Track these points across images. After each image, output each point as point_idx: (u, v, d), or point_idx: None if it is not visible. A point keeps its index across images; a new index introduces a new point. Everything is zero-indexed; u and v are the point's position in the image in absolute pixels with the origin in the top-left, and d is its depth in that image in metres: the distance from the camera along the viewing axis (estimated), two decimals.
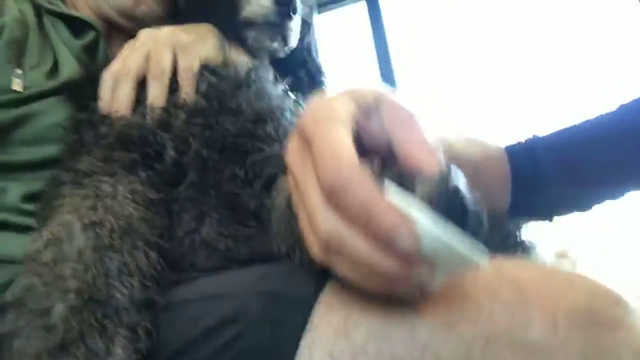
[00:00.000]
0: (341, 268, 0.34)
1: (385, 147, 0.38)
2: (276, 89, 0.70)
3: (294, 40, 0.74)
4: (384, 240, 0.31)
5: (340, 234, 0.32)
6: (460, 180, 0.33)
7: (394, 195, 0.32)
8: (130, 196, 0.54)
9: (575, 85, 2.32)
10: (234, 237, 0.56)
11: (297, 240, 0.44)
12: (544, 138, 0.62)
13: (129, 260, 0.46)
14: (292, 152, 0.38)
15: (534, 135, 0.63)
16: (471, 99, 2.54)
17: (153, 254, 0.49)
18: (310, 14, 0.82)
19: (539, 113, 2.28)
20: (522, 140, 0.63)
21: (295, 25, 0.73)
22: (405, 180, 0.33)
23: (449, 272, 0.33)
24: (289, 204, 0.46)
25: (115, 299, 0.43)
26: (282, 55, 0.76)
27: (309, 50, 0.82)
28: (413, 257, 0.31)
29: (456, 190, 0.31)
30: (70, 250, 0.45)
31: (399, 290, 0.34)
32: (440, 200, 0.31)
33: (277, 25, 0.71)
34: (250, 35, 0.73)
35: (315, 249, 0.35)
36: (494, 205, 0.60)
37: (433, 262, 0.31)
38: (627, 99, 0.62)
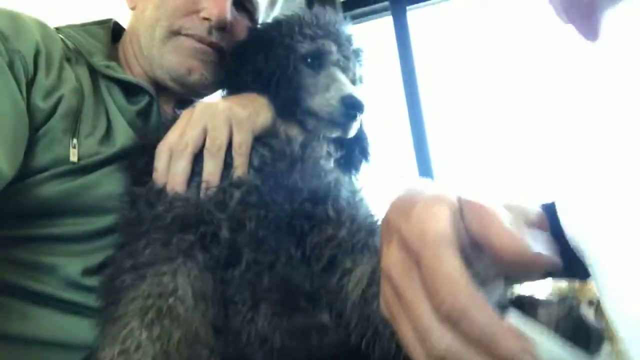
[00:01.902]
0: None
1: (469, 246, 0.38)
2: (329, 162, 0.69)
3: (352, 133, 0.73)
4: None
5: (458, 353, 0.33)
6: (576, 300, 0.34)
7: (513, 318, 0.33)
8: (190, 289, 0.54)
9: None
10: (288, 331, 0.56)
11: (374, 334, 0.44)
12: None
13: None
14: (396, 265, 0.37)
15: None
16: (500, 119, 2.51)
17: None
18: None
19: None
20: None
21: (357, 122, 0.72)
22: (525, 301, 0.35)
23: None
24: (365, 297, 0.46)
25: None
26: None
27: (361, 127, 0.79)
28: None
29: (578, 311, 0.32)
30: None
31: None
32: (566, 324, 0.32)
33: (340, 123, 0.71)
34: (311, 123, 0.72)
35: None
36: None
37: None
38: None
